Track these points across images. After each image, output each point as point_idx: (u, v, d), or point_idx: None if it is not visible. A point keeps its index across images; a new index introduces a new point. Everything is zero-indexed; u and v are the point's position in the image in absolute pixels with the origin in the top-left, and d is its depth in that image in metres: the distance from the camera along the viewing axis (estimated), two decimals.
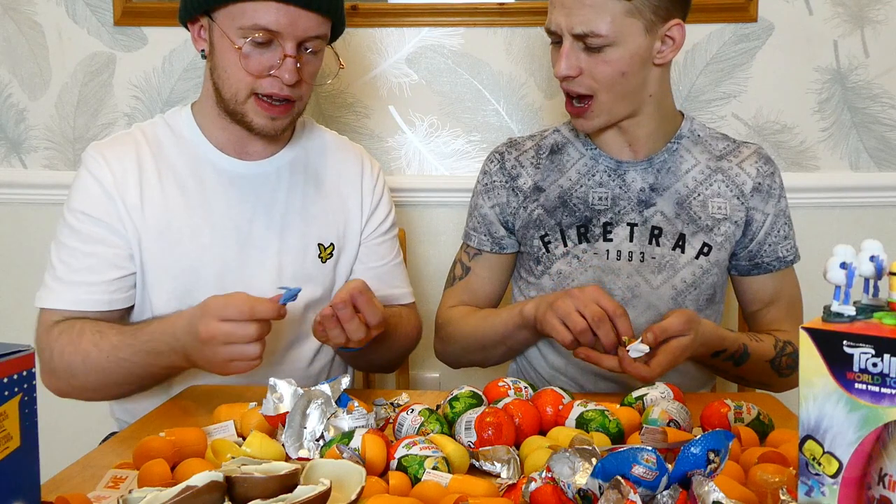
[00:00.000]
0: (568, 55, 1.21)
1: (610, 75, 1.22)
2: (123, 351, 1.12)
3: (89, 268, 1.20)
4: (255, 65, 1.17)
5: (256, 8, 1.14)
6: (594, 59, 1.21)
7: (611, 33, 1.18)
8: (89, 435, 1.36)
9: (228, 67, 1.19)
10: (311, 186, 1.33)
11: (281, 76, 1.17)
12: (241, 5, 1.15)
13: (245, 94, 1.19)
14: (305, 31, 1.17)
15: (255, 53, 1.17)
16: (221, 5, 1.16)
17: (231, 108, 1.22)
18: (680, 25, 1.23)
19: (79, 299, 1.19)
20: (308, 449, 0.89)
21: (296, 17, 1.15)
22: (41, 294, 1.21)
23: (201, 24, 1.22)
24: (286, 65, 1.16)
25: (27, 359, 0.64)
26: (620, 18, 1.18)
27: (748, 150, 1.36)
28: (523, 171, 1.37)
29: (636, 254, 1.30)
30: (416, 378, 1.87)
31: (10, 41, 1.86)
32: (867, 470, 0.61)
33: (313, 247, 1.31)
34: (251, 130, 1.23)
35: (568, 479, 0.73)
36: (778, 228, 1.33)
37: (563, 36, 1.21)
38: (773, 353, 1.27)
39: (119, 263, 1.22)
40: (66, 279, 1.19)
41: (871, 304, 0.64)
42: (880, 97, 1.80)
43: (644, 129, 1.30)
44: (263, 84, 1.18)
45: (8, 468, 0.62)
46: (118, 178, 1.22)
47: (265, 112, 1.20)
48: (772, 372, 1.28)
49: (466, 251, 1.42)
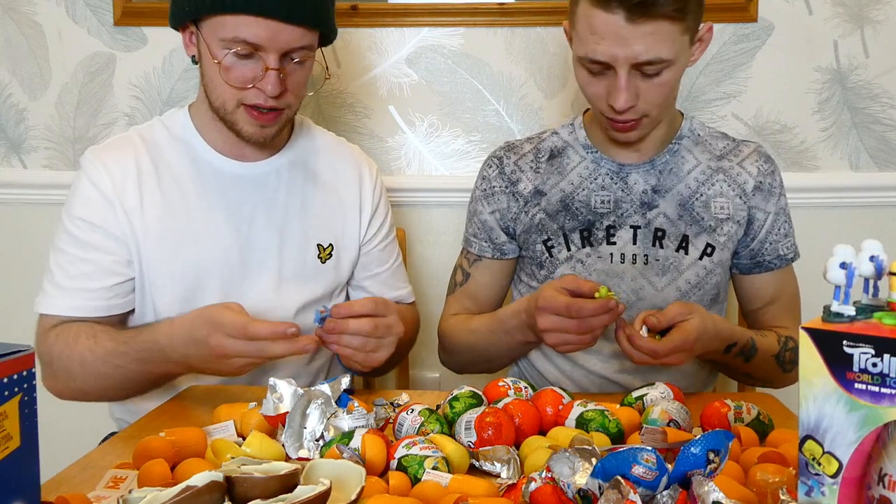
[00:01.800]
0: (627, 87, 1.15)
1: (665, 95, 1.20)
2: (118, 358, 1.12)
3: (87, 274, 1.20)
4: (238, 77, 1.16)
5: (237, 21, 1.12)
6: (649, 83, 1.17)
7: (672, 56, 1.14)
8: (89, 435, 1.36)
9: (213, 78, 1.18)
10: (309, 187, 1.33)
11: (264, 88, 1.15)
12: (222, 17, 1.13)
13: (233, 104, 1.19)
14: (288, 44, 1.15)
15: (237, 65, 1.16)
16: (205, 16, 1.15)
17: (221, 115, 1.22)
18: (710, 27, 1.22)
19: (76, 305, 1.19)
20: (308, 449, 0.89)
21: (277, 30, 1.13)
22: (39, 300, 1.21)
23: (191, 30, 1.21)
24: (268, 77, 1.15)
25: (27, 359, 0.64)
26: (678, 38, 1.14)
27: (748, 148, 1.36)
28: (523, 175, 1.37)
29: (640, 256, 1.30)
30: (416, 378, 1.87)
31: (10, 41, 1.85)
32: (867, 470, 0.61)
33: (313, 247, 1.31)
34: (241, 137, 1.23)
35: (568, 479, 0.73)
36: (779, 227, 1.33)
37: (615, 66, 1.14)
38: (777, 348, 1.27)
39: (116, 270, 1.22)
40: (63, 285, 1.20)
41: (871, 304, 0.64)
42: (880, 97, 1.80)
43: (656, 132, 1.30)
44: (248, 95, 1.17)
45: (8, 468, 0.62)
46: (117, 182, 1.22)
47: (254, 120, 1.19)
48: (777, 367, 1.28)
49: (466, 257, 1.42)
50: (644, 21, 1.10)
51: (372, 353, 1.09)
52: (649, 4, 1.09)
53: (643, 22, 1.10)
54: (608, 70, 1.17)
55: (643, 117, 1.21)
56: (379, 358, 1.10)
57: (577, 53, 1.19)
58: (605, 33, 1.12)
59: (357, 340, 1.06)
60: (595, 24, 1.13)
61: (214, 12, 1.13)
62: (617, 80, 1.15)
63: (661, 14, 1.10)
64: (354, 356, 1.09)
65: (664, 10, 1.10)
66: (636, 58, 1.13)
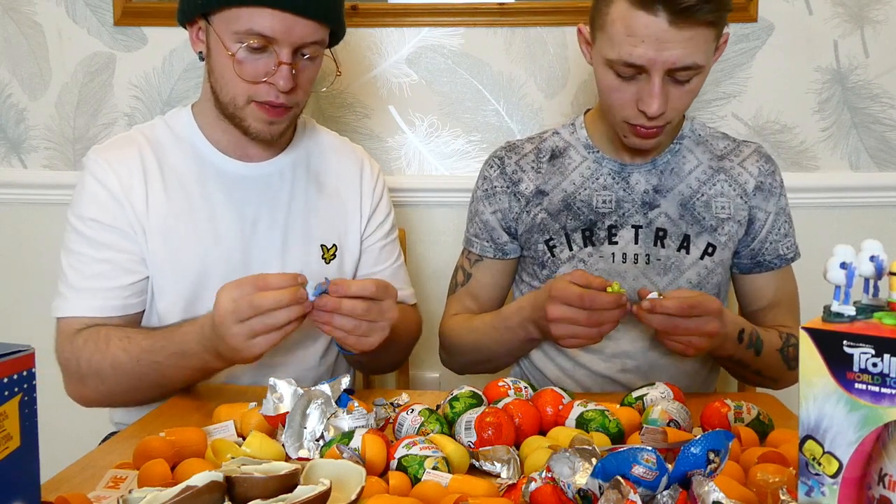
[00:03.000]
0: (661, 93, 1.14)
1: (690, 102, 1.20)
2: (156, 354, 1.11)
3: (103, 274, 1.19)
4: (250, 71, 1.15)
5: (252, 13, 1.12)
6: (681, 90, 1.17)
7: (704, 62, 1.14)
8: (89, 435, 1.36)
9: (225, 72, 1.17)
10: (312, 187, 1.33)
11: (276, 83, 1.15)
12: (236, 10, 1.13)
13: (243, 100, 1.18)
14: (301, 38, 1.15)
15: (250, 59, 1.15)
16: (218, 9, 1.15)
17: (229, 111, 1.21)
18: (727, 36, 1.22)
19: (94, 305, 1.18)
20: (308, 449, 0.89)
21: (292, 23, 1.13)
22: (57, 304, 1.20)
23: (199, 26, 1.20)
24: (281, 71, 1.15)
25: (27, 359, 0.64)
26: (710, 45, 1.14)
27: (748, 148, 1.36)
28: (524, 175, 1.37)
29: (641, 256, 1.30)
30: (416, 378, 1.87)
31: (10, 41, 1.85)
32: (867, 470, 0.61)
33: (316, 248, 1.31)
34: (248, 135, 1.22)
35: (568, 479, 0.73)
36: (779, 226, 1.33)
37: (650, 71, 1.13)
38: (780, 343, 1.27)
39: (132, 268, 1.21)
40: (79, 286, 1.19)
41: (871, 304, 0.64)
42: (880, 97, 1.80)
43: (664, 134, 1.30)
44: (259, 91, 1.17)
45: (8, 468, 0.62)
46: (124, 182, 1.21)
47: (264, 115, 1.19)
48: (782, 363, 1.27)
49: (468, 257, 1.42)
50: (686, 26, 1.10)
51: (363, 338, 1.07)
52: (694, 10, 1.08)
53: (685, 27, 1.10)
54: (639, 75, 1.16)
55: (667, 124, 1.21)
56: (371, 342, 1.08)
57: (608, 56, 1.16)
58: (646, 36, 1.11)
59: (349, 323, 1.04)
60: (634, 25, 1.11)
61: (229, 5, 1.13)
62: (650, 85, 1.14)
63: (702, 20, 1.10)
64: (346, 339, 1.07)
65: (706, 16, 1.10)
66: (674, 63, 1.12)
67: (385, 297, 1.07)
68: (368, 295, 1.04)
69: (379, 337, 1.08)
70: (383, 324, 1.07)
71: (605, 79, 1.20)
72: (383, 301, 1.07)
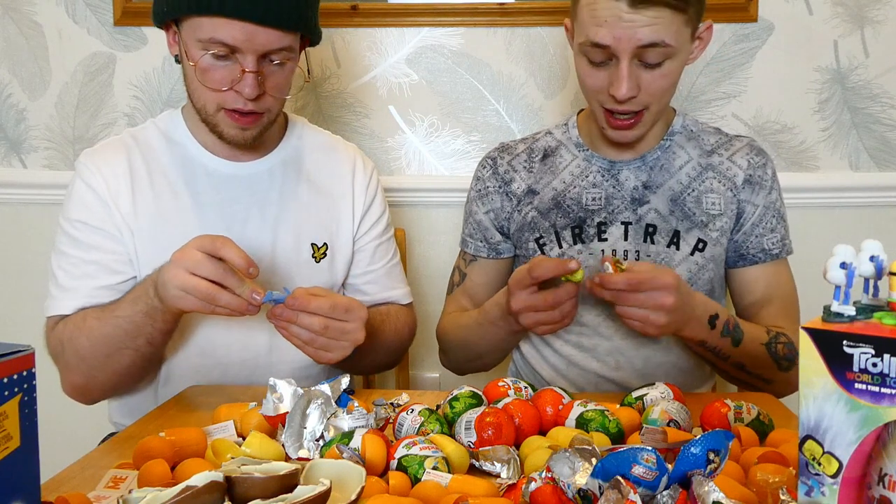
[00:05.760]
0: (629, 75, 1.16)
1: (666, 88, 1.21)
2: (116, 309, 1.13)
3: (90, 274, 1.21)
4: (216, 78, 1.15)
5: (213, 22, 1.12)
6: (652, 74, 1.18)
7: (674, 42, 1.15)
8: (89, 435, 1.36)
9: (193, 80, 1.18)
10: (303, 186, 1.33)
11: (241, 91, 1.14)
12: (199, 19, 1.13)
13: (213, 107, 1.18)
14: (265, 46, 1.14)
15: (215, 67, 1.15)
16: (183, 17, 1.15)
17: (202, 117, 1.22)
18: (710, 26, 1.23)
19: (83, 304, 1.19)
20: (308, 449, 0.89)
21: (253, 32, 1.12)
22: (47, 304, 1.21)
23: (173, 30, 1.21)
24: (246, 79, 1.14)
25: (27, 359, 0.63)
26: (680, 28, 1.16)
27: (740, 142, 1.36)
28: (516, 175, 1.37)
29: (631, 252, 1.30)
30: (416, 378, 1.87)
31: (10, 41, 1.86)
32: (867, 470, 0.61)
33: (307, 247, 1.31)
34: (223, 140, 1.23)
35: (568, 479, 0.73)
36: (766, 221, 1.32)
37: (618, 55, 1.15)
38: (766, 338, 1.23)
39: (119, 268, 1.22)
40: (68, 286, 1.20)
41: (871, 304, 0.64)
42: (880, 97, 1.80)
43: (652, 130, 1.31)
44: (227, 99, 1.16)
45: (8, 468, 0.62)
46: (111, 184, 1.23)
47: (234, 122, 1.19)
48: (771, 362, 1.24)
49: (463, 258, 1.43)
50: (646, 7, 1.12)
51: (322, 351, 1.08)
52: None
53: (645, 8, 1.12)
54: (609, 60, 1.18)
55: (643, 111, 1.22)
56: (330, 357, 1.09)
57: (578, 40, 1.20)
58: (608, 17, 1.14)
59: (305, 335, 1.06)
60: (597, 9, 1.14)
61: (190, 13, 1.13)
62: (619, 69, 1.16)
63: (663, 1, 1.12)
64: (303, 348, 1.08)
65: None
66: (639, 41, 1.13)
67: (349, 319, 1.07)
68: (324, 314, 1.05)
69: (339, 354, 1.09)
70: (345, 344, 1.08)
71: (580, 66, 1.23)
72: (347, 322, 1.07)
